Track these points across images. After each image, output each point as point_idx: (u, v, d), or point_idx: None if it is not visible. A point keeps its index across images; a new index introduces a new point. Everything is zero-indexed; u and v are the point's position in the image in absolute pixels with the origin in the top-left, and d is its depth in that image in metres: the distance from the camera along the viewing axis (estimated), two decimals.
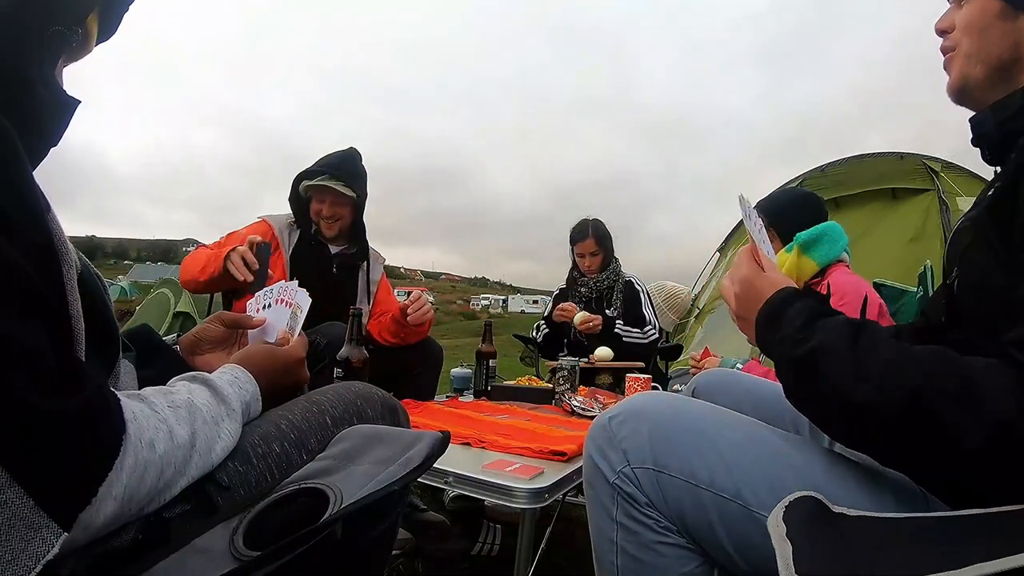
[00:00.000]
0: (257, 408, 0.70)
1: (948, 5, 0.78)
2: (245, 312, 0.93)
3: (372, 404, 0.75)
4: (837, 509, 0.53)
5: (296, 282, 0.92)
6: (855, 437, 0.58)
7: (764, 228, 0.89)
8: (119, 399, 0.48)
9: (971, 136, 0.73)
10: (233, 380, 0.67)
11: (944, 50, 0.77)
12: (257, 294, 0.94)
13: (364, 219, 2.04)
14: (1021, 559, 0.37)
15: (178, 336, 0.88)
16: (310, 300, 0.90)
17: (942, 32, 0.77)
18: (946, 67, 0.76)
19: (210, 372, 0.67)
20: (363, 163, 2.04)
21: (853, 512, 0.53)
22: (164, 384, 0.62)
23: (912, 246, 3.23)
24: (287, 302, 0.88)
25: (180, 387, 0.61)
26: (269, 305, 0.91)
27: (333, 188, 1.91)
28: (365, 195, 2.01)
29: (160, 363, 0.76)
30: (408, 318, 1.79)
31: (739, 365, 1.92)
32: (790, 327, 0.63)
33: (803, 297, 0.68)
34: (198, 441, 0.55)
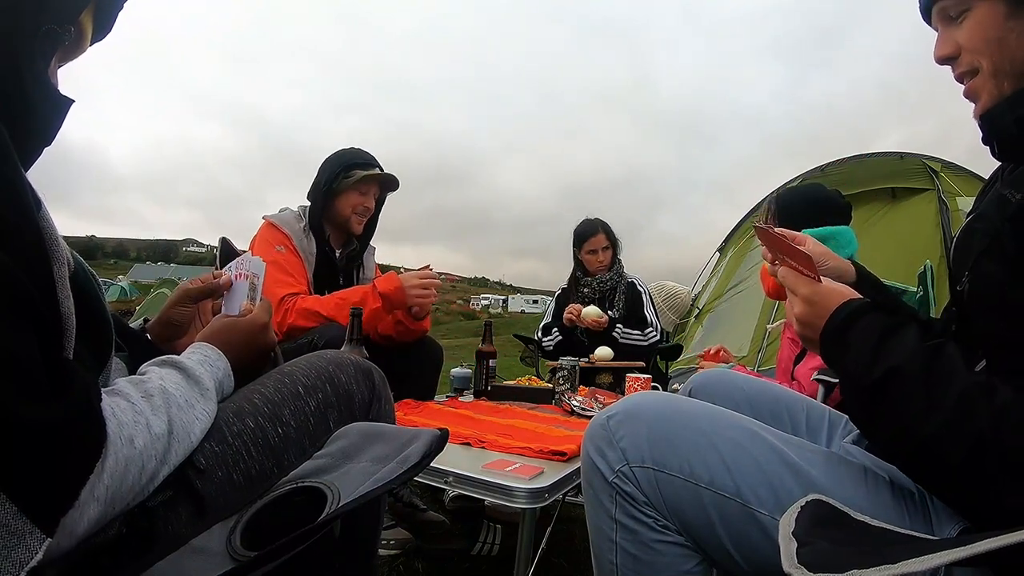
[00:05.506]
0: (230, 384, 0.69)
1: (937, 29, 0.70)
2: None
3: (345, 369, 0.75)
4: (859, 517, 0.54)
5: (249, 253, 0.90)
6: (921, 474, 0.57)
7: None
8: (102, 398, 0.48)
9: (982, 134, 0.67)
10: (203, 359, 0.67)
11: (962, 77, 0.68)
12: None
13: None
14: (992, 542, 0.38)
15: (145, 322, 0.86)
16: (265, 265, 0.89)
17: (946, 59, 0.69)
18: (970, 95, 0.68)
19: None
20: None
21: (873, 521, 0.53)
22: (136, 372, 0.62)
23: (912, 246, 3.23)
24: (244, 275, 0.87)
25: (151, 374, 0.60)
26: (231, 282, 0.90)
27: (390, 177, 1.87)
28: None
29: (133, 352, 0.75)
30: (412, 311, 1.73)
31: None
32: (859, 348, 0.60)
33: (870, 311, 0.63)
34: (175, 428, 0.55)
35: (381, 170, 1.88)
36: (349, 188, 1.83)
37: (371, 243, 2.04)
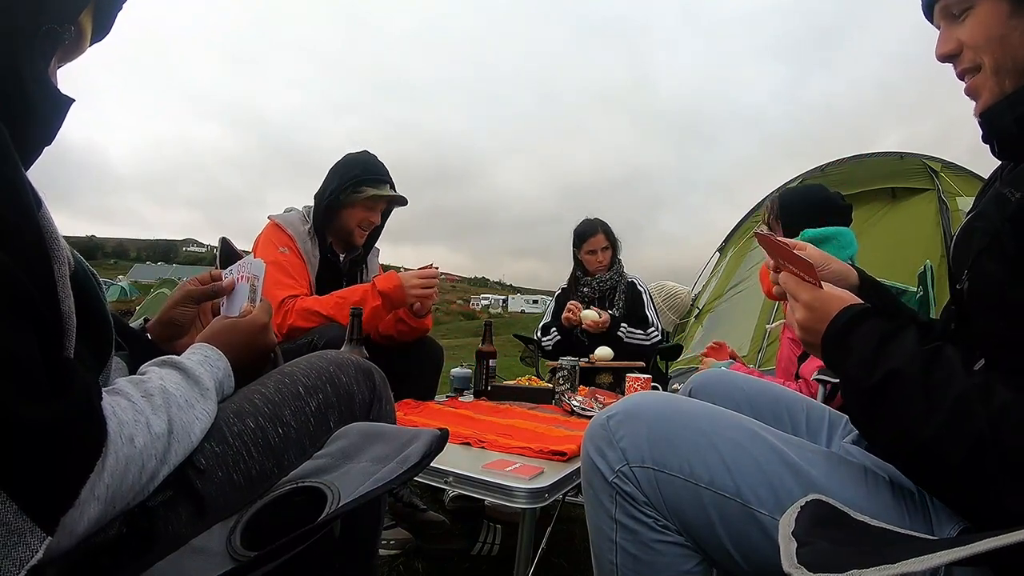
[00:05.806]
0: (230, 385, 0.69)
1: (939, 27, 0.70)
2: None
3: (345, 370, 0.75)
4: (859, 517, 0.54)
5: (251, 255, 0.90)
6: (921, 475, 0.57)
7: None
8: (102, 397, 0.48)
9: (982, 133, 0.67)
10: (204, 359, 0.67)
11: (963, 74, 0.68)
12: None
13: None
14: (982, 545, 0.38)
15: (145, 322, 0.86)
16: (265, 267, 0.89)
17: (948, 56, 0.69)
18: (971, 92, 0.68)
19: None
20: None
21: (873, 521, 0.53)
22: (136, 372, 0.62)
23: (912, 246, 3.23)
24: (245, 277, 0.87)
25: (151, 373, 0.60)
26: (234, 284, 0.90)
27: (400, 197, 1.86)
28: None
29: (134, 351, 0.75)
30: (414, 309, 1.73)
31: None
32: (860, 352, 0.61)
33: (870, 316, 0.64)
34: (175, 427, 0.55)
35: (393, 188, 1.85)
36: (357, 203, 1.80)
37: (375, 245, 2.03)
